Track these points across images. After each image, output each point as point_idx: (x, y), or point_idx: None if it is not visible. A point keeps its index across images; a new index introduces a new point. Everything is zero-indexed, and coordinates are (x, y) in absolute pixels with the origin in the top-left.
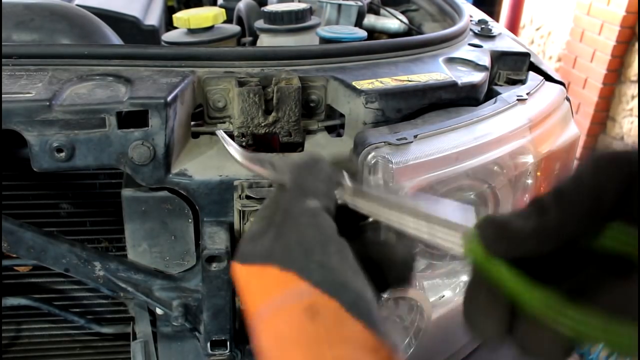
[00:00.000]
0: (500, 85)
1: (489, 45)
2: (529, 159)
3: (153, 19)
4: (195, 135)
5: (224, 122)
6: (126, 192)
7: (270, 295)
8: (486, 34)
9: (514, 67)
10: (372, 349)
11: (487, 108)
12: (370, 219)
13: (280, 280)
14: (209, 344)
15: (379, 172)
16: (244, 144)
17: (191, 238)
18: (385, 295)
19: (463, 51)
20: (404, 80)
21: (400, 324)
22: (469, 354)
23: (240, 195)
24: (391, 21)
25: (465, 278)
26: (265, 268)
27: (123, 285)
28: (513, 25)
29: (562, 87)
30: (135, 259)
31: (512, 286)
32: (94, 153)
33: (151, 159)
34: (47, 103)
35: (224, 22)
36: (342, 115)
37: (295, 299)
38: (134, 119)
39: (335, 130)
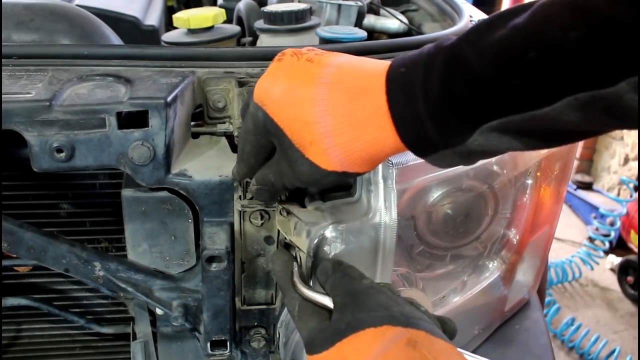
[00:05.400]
0: None
1: None
2: (529, 159)
3: (153, 19)
4: (195, 135)
5: (224, 123)
6: (126, 192)
7: (371, 349)
8: None
9: None
10: (454, 352)
11: None
12: None
13: (377, 335)
14: (209, 344)
15: (379, 172)
16: None
17: (191, 238)
18: None
19: None
20: None
21: None
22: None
23: (240, 196)
24: (391, 21)
25: (465, 278)
26: (358, 335)
27: (123, 286)
28: None
29: None
30: (135, 259)
31: None
32: (94, 153)
33: (151, 159)
34: (47, 103)
35: (224, 22)
36: None
37: (396, 340)
38: (134, 119)
39: None
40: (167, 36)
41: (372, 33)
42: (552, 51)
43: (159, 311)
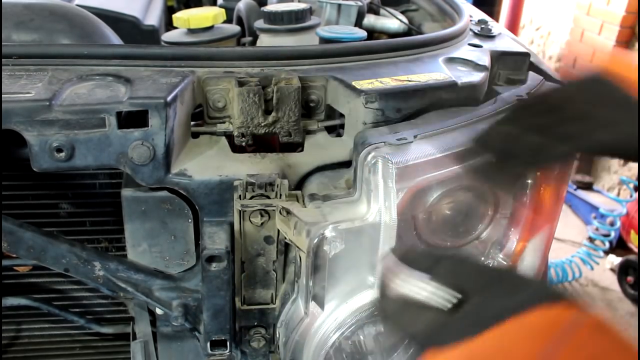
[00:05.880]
0: (500, 85)
1: (488, 45)
2: None
3: (153, 19)
4: (195, 135)
5: (224, 122)
6: (126, 192)
7: (546, 331)
8: (486, 34)
9: (513, 67)
10: None
11: (486, 108)
12: None
13: (550, 316)
14: (208, 344)
15: (379, 172)
16: (243, 144)
17: (191, 238)
18: None
19: (463, 51)
20: (403, 80)
21: None
22: None
23: (239, 196)
24: (391, 21)
25: None
26: (519, 318)
27: (123, 285)
28: (513, 25)
29: None
30: (135, 259)
31: None
32: (93, 153)
33: (151, 159)
34: (47, 103)
35: (224, 22)
36: (342, 115)
37: (577, 323)
38: (133, 119)
39: (335, 130)
40: (167, 36)
41: (372, 33)
42: None
43: (159, 311)
